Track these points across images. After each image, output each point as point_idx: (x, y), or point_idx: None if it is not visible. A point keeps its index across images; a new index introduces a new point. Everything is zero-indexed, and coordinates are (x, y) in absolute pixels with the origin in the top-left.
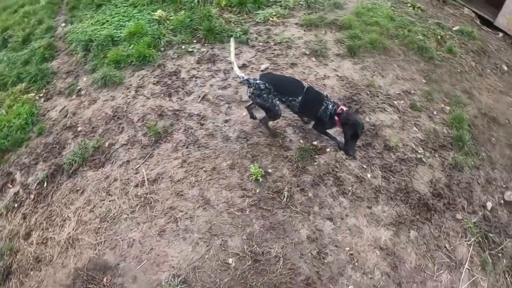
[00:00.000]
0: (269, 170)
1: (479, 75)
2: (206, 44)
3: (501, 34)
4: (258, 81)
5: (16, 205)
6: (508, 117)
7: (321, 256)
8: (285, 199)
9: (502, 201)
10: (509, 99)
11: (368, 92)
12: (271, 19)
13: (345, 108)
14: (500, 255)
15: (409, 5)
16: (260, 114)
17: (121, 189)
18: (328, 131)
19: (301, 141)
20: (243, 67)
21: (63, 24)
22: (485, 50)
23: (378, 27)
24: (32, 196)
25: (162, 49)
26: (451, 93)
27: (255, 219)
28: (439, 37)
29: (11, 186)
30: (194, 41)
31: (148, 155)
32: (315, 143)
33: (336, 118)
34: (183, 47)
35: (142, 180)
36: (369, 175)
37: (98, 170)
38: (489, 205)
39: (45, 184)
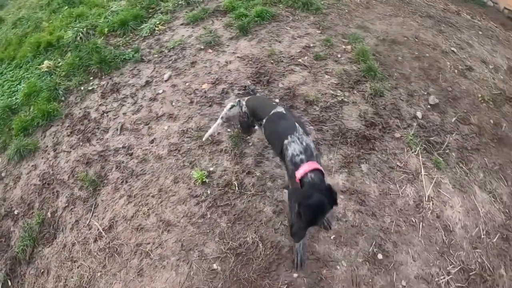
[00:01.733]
0: (211, 169)
1: (366, 8)
2: (103, 77)
3: None
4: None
5: None
6: (404, 34)
7: None
8: (237, 188)
9: (429, 106)
10: (400, 19)
11: (272, 61)
12: (156, 28)
13: (310, 173)
14: (447, 151)
15: None
16: None
17: (83, 251)
18: None
19: (228, 129)
20: (146, 84)
21: None
22: None
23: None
24: None
25: (63, 98)
26: (347, 33)
27: (219, 218)
28: None
29: None
30: (91, 78)
31: (93, 206)
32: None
33: (297, 176)
34: (82, 88)
35: (99, 232)
36: None
37: (52, 243)
38: (419, 114)
39: (9, 283)
